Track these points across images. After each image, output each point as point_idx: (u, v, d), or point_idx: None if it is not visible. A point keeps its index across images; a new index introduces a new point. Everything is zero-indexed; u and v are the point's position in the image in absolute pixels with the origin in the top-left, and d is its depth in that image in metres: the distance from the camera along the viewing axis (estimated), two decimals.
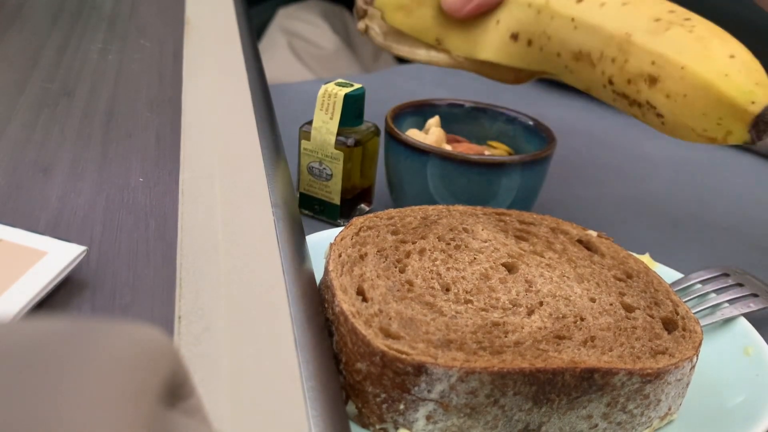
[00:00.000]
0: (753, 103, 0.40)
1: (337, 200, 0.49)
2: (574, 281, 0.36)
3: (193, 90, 0.49)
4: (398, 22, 0.54)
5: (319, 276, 0.36)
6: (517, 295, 0.35)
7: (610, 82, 0.44)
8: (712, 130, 0.41)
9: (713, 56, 0.41)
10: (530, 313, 0.34)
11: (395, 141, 0.49)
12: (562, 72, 0.48)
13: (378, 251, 0.36)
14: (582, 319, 0.34)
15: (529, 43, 0.49)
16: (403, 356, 0.29)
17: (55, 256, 0.29)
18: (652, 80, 0.42)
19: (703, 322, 0.39)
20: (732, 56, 0.41)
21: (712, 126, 0.41)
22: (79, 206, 0.34)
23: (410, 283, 0.34)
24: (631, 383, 0.31)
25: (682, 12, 0.44)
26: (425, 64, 0.80)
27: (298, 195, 0.51)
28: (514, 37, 0.49)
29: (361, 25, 0.57)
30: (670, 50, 0.41)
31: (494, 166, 0.47)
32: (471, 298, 0.34)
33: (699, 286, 0.43)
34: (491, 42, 0.50)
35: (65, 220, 0.33)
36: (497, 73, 0.53)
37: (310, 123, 0.49)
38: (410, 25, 0.54)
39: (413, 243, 0.37)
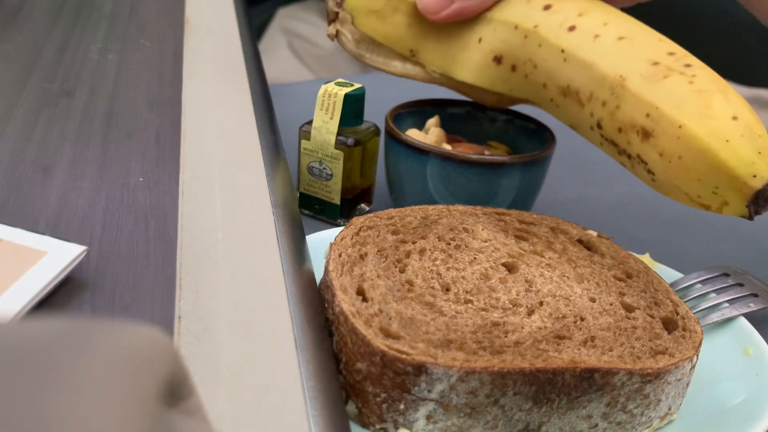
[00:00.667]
0: (754, 176, 0.36)
1: (337, 200, 0.49)
2: (574, 281, 0.36)
3: (193, 90, 0.49)
4: (370, 29, 0.49)
5: (319, 276, 0.36)
6: (517, 295, 0.35)
7: (599, 126, 0.41)
8: (706, 197, 0.38)
9: (714, 116, 0.37)
10: (530, 313, 0.34)
11: (395, 141, 0.49)
12: (548, 104, 0.44)
13: (378, 251, 0.36)
14: (582, 319, 0.34)
15: (513, 68, 0.44)
16: (403, 356, 0.29)
17: (55, 256, 0.29)
18: (645, 134, 0.38)
19: (703, 322, 0.39)
20: (735, 117, 0.37)
21: (707, 194, 0.38)
22: (79, 206, 0.34)
23: (410, 283, 0.34)
24: (631, 383, 0.31)
25: (681, 55, 0.39)
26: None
27: (298, 195, 0.51)
28: (497, 60, 0.45)
29: (331, 29, 0.51)
30: (668, 103, 0.37)
31: (494, 166, 0.47)
32: (471, 298, 0.34)
33: (699, 286, 0.43)
34: (471, 61, 0.46)
35: (65, 220, 0.33)
36: (477, 94, 0.49)
37: (310, 123, 0.49)
38: (383, 33, 0.49)
39: (413, 243, 0.37)
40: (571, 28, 0.42)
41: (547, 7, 0.43)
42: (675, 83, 0.38)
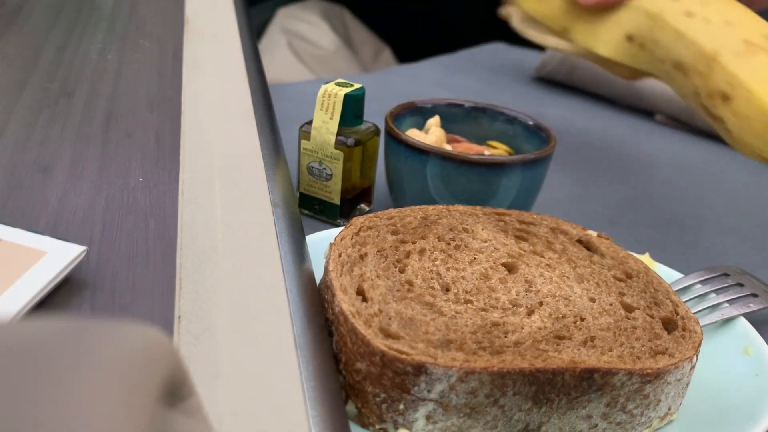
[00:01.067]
0: None
1: (336, 200, 0.49)
2: (573, 281, 0.36)
3: (193, 90, 0.49)
4: (531, 8, 0.61)
5: (319, 276, 0.36)
6: (517, 295, 0.35)
7: (697, 94, 0.49)
8: (765, 151, 0.46)
9: None
10: (530, 313, 0.34)
11: (395, 141, 0.49)
12: (665, 77, 0.53)
13: (378, 251, 0.36)
14: (582, 319, 0.34)
15: (641, 46, 0.53)
16: (403, 356, 0.29)
17: (54, 256, 0.29)
18: (725, 98, 0.47)
19: (703, 322, 0.39)
20: None
21: (766, 148, 0.46)
22: (79, 206, 0.34)
23: (410, 283, 0.34)
24: (631, 383, 0.31)
25: None
26: (426, 65, 0.80)
27: (298, 195, 0.51)
28: (630, 38, 0.54)
29: (504, 11, 0.64)
30: (746, 74, 0.46)
31: (494, 166, 0.47)
32: (471, 298, 0.34)
33: (699, 286, 0.43)
34: (609, 39, 0.56)
35: (65, 220, 0.33)
36: (614, 68, 0.58)
37: (310, 123, 0.49)
38: (541, 12, 0.60)
39: (413, 243, 0.37)
40: (689, 14, 0.50)
41: None
42: (759, 60, 0.46)
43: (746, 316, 0.40)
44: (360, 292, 0.33)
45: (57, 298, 0.28)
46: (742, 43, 0.47)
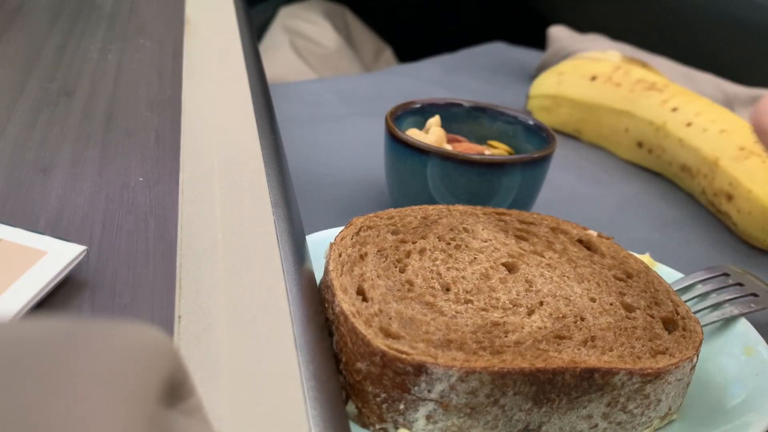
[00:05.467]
0: None
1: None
2: (574, 281, 0.36)
3: (193, 90, 0.49)
4: (543, 119, 0.71)
5: (319, 276, 0.36)
6: (517, 294, 0.35)
7: (704, 192, 0.59)
8: (767, 241, 0.53)
9: None
10: (530, 312, 0.34)
11: (395, 141, 0.49)
12: (673, 177, 0.63)
13: (378, 251, 0.36)
14: (582, 319, 0.34)
15: (650, 151, 0.64)
16: (403, 356, 0.29)
17: (54, 256, 0.29)
18: (729, 197, 0.55)
19: (703, 322, 0.39)
20: None
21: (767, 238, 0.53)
22: (79, 206, 0.34)
23: (410, 282, 0.34)
24: (632, 383, 0.31)
25: None
26: (426, 65, 0.80)
27: None
28: (639, 144, 0.65)
29: None
30: (744, 176, 0.54)
31: (494, 166, 0.47)
32: (471, 297, 0.34)
33: (699, 286, 0.43)
34: (622, 144, 0.67)
35: (65, 219, 0.33)
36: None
37: None
38: (552, 121, 0.72)
39: (413, 243, 0.37)
40: (688, 124, 0.60)
41: (674, 109, 0.62)
42: (752, 162, 0.55)
43: (746, 316, 0.40)
44: (360, 292, 0.33)
45: (57, 298, 0.28)
46: (737, 148, 0.56)
